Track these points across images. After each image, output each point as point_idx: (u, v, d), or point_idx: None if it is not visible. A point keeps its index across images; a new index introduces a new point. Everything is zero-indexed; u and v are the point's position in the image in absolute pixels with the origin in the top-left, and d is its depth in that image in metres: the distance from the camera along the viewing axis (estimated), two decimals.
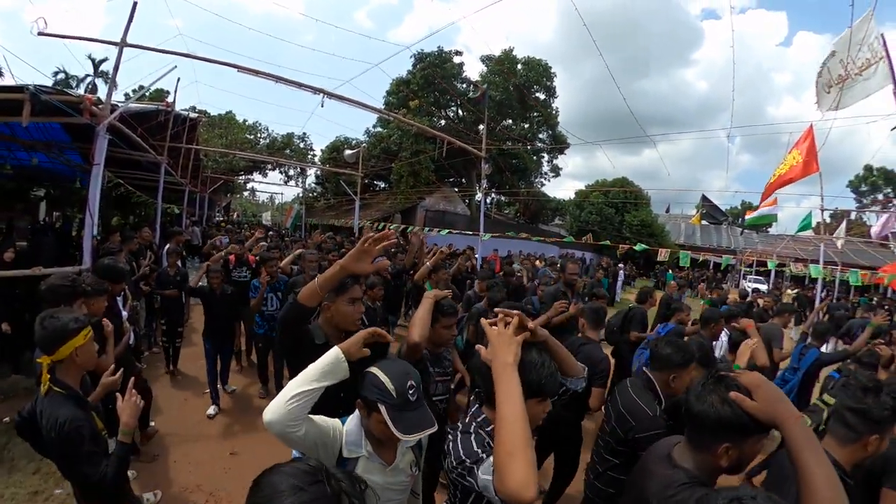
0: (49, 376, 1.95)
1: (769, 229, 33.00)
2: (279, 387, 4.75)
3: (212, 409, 4.85)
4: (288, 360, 2.27)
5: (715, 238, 40.56)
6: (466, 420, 1.53)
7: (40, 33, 5.37)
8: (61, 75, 32.14)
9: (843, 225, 19.19)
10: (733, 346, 3.81)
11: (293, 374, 1.98)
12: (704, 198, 17.83)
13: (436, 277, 4.85)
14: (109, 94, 5.50)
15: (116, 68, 5.83)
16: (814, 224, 12.09)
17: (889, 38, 6.46)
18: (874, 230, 13.11)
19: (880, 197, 42.66)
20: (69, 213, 15.77)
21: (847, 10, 6.37)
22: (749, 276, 25.84)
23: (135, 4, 5.86)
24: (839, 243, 18.44)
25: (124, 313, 3.89)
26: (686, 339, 3.12)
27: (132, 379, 2.14)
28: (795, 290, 20.01)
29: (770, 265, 14.99)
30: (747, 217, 12.81)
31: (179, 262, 6.08)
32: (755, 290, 13.24)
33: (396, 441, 1.56)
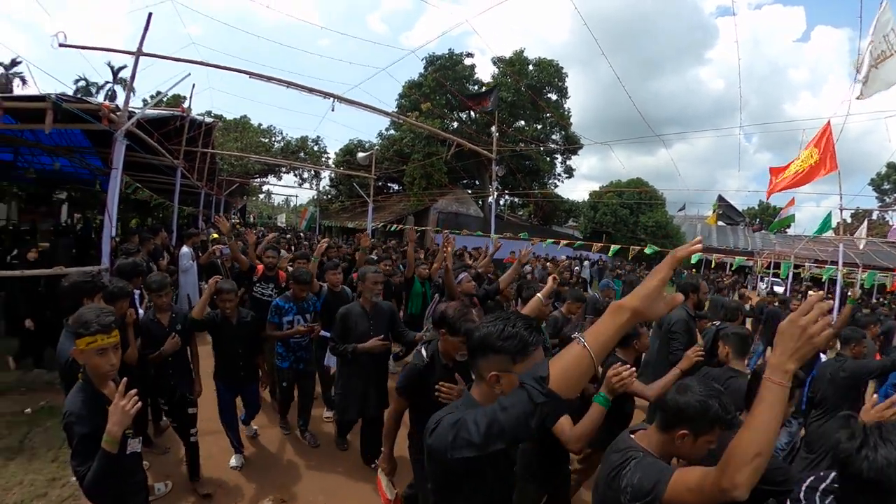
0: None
1: (788, 230, 32.43)
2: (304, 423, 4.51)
3: (234, 460, 3.97)
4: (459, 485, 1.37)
5: (731, 239, 39.95)
6: None
7: (60, 45, 5.58)
8: (82, 83, 33.51)
9: (865, 225, 18.71)
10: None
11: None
12: (720, 198, 17.55)
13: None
14: (127, 102, 5.72)
15: (133, 77, 6.05)
16: (833, 224, 11.77)
17: None
18: (894, 230, 12.88)
19: None
20: (90, 216, 16.27)
21: (868, 4, 6.00)
22: (766, 279, 25.40)
23: (149, 16, 6.09)
24: (860, 244, 17.98)
25: (141, 311, 4.05)
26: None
27: (125, 380, 1.88)
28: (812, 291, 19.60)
29: (783, 267, 14.66)
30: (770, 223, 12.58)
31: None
32: (773, 293, 13.05)
33: None
